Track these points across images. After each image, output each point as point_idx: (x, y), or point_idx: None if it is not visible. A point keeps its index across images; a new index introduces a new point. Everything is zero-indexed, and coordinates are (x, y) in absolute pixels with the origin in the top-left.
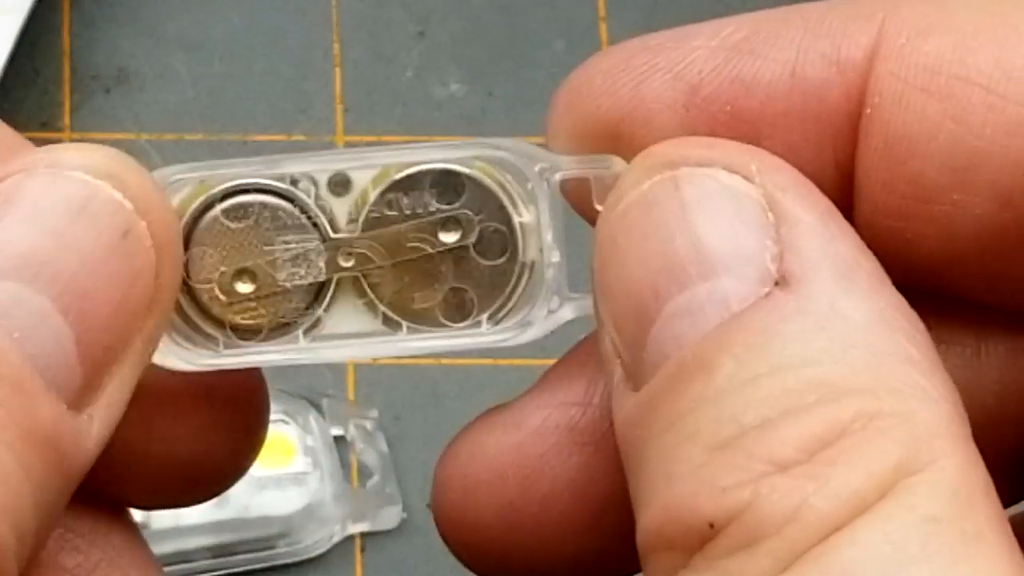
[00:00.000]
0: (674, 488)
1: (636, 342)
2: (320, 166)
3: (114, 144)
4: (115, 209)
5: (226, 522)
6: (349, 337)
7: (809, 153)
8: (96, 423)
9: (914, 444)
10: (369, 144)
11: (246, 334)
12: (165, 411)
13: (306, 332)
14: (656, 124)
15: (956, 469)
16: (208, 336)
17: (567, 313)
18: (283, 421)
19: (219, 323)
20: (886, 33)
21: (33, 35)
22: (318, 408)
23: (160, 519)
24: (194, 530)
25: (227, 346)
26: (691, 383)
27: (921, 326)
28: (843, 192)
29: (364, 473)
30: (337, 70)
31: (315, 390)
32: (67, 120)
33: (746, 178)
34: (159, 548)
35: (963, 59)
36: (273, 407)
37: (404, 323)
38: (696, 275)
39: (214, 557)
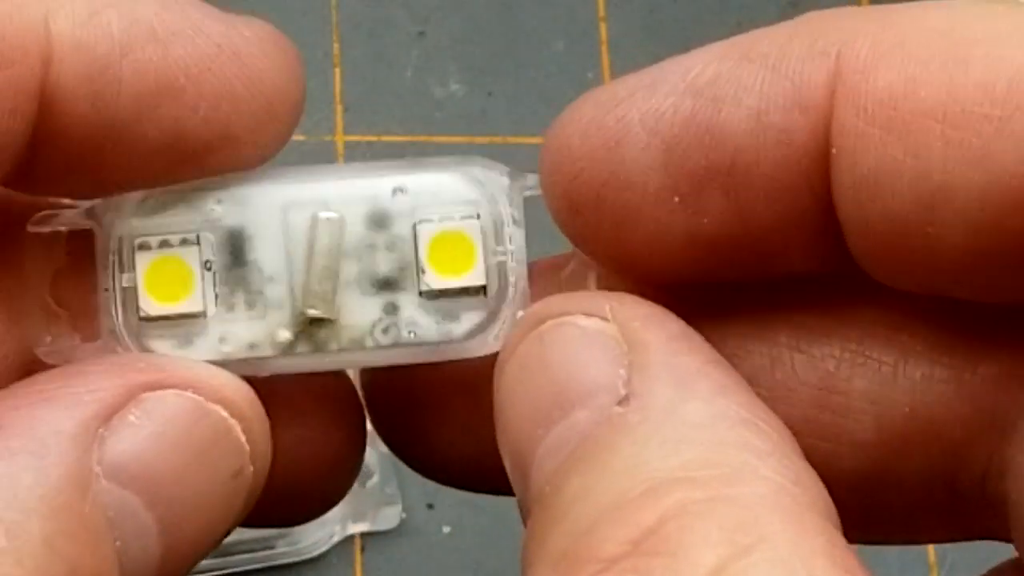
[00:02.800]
0: None
1: (521, 485)
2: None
3: None
4: (236, 451)
5: None
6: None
7: (786, 198)
8: None
9: (739, 524)
10: (369, 144)
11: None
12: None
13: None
14: (637, 186)
15: (788, 543)
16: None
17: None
18: None
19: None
20: (842, 69)
21: None
22: None
23: None
24: None
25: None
26: (548, 510)
27: (775, 421)
28: (829, 231)
29: (364, 473)
30: (337, 70)
31: None
32: None
33: (602, 318)
34: None
35: (916, 92)
36: None
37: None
38: (558, 416)
39: (214, 557)
